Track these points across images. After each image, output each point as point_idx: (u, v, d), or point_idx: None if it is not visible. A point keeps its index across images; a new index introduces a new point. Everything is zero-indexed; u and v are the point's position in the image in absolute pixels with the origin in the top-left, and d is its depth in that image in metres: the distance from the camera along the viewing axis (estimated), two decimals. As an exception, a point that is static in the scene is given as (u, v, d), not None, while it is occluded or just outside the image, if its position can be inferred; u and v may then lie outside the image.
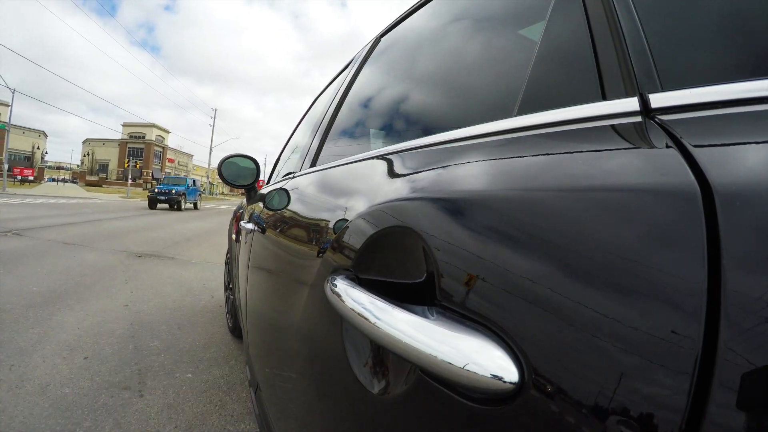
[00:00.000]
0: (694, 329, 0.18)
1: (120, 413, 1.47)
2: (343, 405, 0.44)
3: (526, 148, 0.35)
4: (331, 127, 1.09)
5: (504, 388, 0.23)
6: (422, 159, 0.50)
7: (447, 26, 0.75)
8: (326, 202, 0.71)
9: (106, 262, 4.09)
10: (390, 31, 1.01)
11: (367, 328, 0.33)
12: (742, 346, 0.17)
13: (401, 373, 0.34)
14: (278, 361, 0.73)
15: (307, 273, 0.59)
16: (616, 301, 0.21)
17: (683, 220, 0.20)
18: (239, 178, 1.62)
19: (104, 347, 2.04)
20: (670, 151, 0.23)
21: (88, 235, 5.98)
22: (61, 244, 4.87)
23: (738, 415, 0.16)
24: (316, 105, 1.59)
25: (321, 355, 0.51)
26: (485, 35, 0.62)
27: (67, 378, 1.69)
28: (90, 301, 2.77)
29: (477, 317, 0.27)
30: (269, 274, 0.90)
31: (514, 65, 0.50)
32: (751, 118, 0.24)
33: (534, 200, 0.28)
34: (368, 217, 0.46)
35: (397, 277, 0.38)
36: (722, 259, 0.18)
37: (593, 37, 0.35)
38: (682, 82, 0.28)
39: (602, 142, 0.29)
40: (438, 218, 0.35)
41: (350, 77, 1.13)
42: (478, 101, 0.58)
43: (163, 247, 5.43)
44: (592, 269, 0.22)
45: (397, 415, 0.33)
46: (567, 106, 0.35)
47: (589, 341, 0.21)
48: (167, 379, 1.76)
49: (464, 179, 0.38)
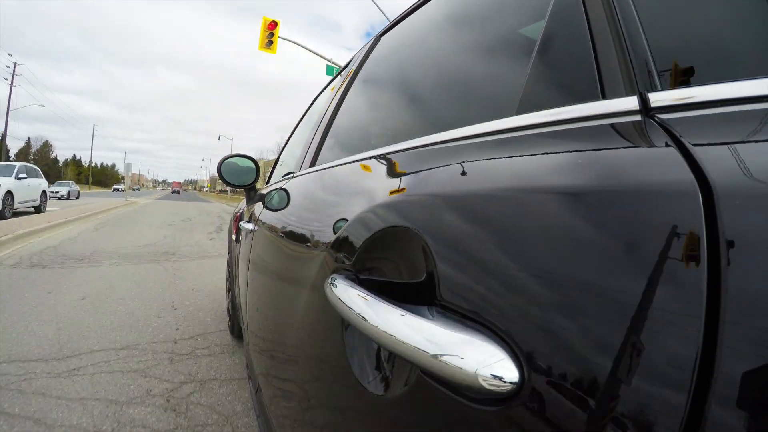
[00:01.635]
0: (694, 329, 0.18)
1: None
2: (343, 405, 0.44)
3: (525, 148, 0.35)
4: (330, 126, 1.09)
5: (504, 388, 0.23)
6: (422, 159, 0.50)
7: (447, 26, 0.74)
8: (326, 201, 0.71)
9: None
10: (390, 30, 1.01)
11: (367, 328, 0.33)
12: (742, 346, 0.17)
13: (401, 373, 0.34)
14: (278, 361, 0.73)
15: (307, 273, 0.59)
16: (616, 300, 0.21)
17: (683, 219, 0.20)
18: (239, 178, 1.62)
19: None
20: (670, 150, 0.23)
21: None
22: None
23: (738, 415, 0.16)
24: (316, 104, 1.59)
25: (321, 355, 0.51)
26: (485, 35, 0.62)
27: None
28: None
29: (477, 317, 0.27)
30: (269, 274, 0.90)
31: (514, 64, 0.50)
32: (750, 118, 0.24)
33: (533, 199, 0.28)
34: (368, 217, 0.46)
35: (397, 277, 0.38)
36: (722, 258, 0.18)
37: (593, 37, 0.35)
38: (682, 82, 0.28)
39: (602, 141, 0.29)
40: (438, 218, 0.35)
41: (350, 77, 1.13)
42: (477, 100, 0.58)
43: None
44: (591, 269, 0.22)
45: (398, 415, 0.33)
46: (567, 105, 0.35)
47: (588, 341, 0.21)
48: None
49: (464, 179, 0.38)
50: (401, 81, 0.88)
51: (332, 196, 0.71)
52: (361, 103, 1.03)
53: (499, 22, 0.59)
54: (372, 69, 1.03)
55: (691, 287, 0.18)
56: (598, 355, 0.20)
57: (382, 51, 1.01)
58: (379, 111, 0.93)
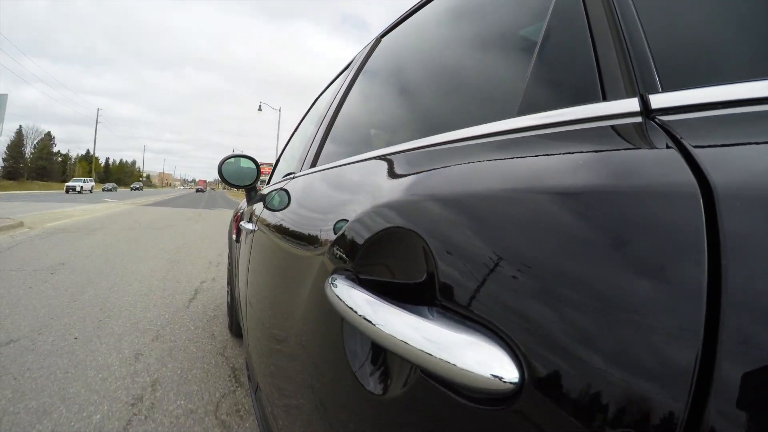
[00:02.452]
0: (695, 329, 0.18)
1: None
2: (343, 405, 0.44)
3: (526, 149, 0.35)
4: (331, 127, 1.09)
5: (504, 388, 0.23)
6: (422, 159, 0.50)
7: (447, 26, 0.75)
8: (327, 202, 0.71)
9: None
10: (391, 31, 1.01)
11: (367, 329, 0.33)
12: (743, 346, 0.17)
13: (401, 374, 0.34)
14: (278, 360, 0.73)
15: (308, 273, 0.59)
16: (617, 301, 0.21)
17: (684, 221, 0.20)
18: (239, 178, 1.63)
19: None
20: (671, 152, 0.23)
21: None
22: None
23: (738, 415, 0.16)
24: (317, 105, 1.59)
25: (321, 355, 0.51)
26: (485, 35, 0.62)
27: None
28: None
29: (477, 317, 0.27)
30: (269, 274, 0.90)
31: (515, 65, 0.50)
32: (751, 119, 0.24)
33: (534, 201, 0.28)
34: (369, 218, 0.46)
35: (398, 277, 0.38)
36: (723, 260, 0.18)
37: (593, 38, 0.35)
38: (683, 83, 0.28)
39: (603, 142, 0.29)
40: (438, 218, 0.35)
41: (351, 77, 1.13)
42: (478, 101, 0.58)
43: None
44: (592, 270, 0.22)
45: (398, 416, 0.33)
46: (567, 107, 0.35)
47: (589, 341, 0.21)
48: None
49: (464, 180, 0.38)
50: (402, 82, 0.88)
51: (333, 196, 0.71)
52: (362, 104, 1.03)
53: (500, 23, 0.59)
54: (373, 70, 1.03)
55: (692, 288, 0.18)
56: (598, 356, 0.20)
57: (383, 52, 1.01)
58: (380, 112, 0.93)
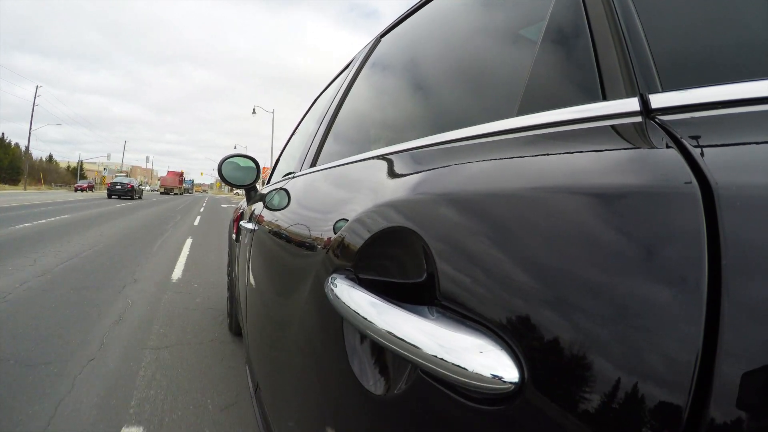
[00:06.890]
0: (695, 329, 0.18)
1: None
2: (343, 405, 0.44)
3: (526, 149, 0.35)
4: (331, 127, 1.09)
5: (504, 387, 0.23)
6: (422, 159, 0.50)
7: (447, 26, 0.75)
8: (326, 201, 0.71)
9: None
10: (390, 31, 1.01)
11: (367, 328, 0.33)
12: (743, 347, 0.17)
13: (401, 373, 0.34)
14: (278, 360, 0.73)
15: (308, 273, 0.59)
16: (617, 301, 0.21)
17: (684, 221, 0.20)
18: (239, 178, 1.62)
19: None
20: (671, 152, 0.23)
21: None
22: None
23: (738, 415, 0.16)
24: (317, 105, 1.59)
25: (321, 354, 0.51)
26: (485, 35, 0.62)
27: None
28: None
29: (477, 317, 0.27)
30: (269, 273, 0.90)
31: (515, 65, 0.50)
32: (751, 119, 0.24)
33: (534, 200, 0.28)
34: (369, 217, 0.46)
35: (398, 277, 0.38)
36: (722, 259, 0.18)
37: (593, 38, 0.35)
38: (683, 83, 0.28)
39: (603, 142, 0.29)
40: (438, 218, 0.35)
41: (350, 77, 1.13)
42: (478, 101, 0.58)
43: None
44: (592, 269, 0.22)
45: (398, 415, 0.33)
46: (567, 107, 0.35)
47: (589, 341, 0.21)
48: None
49: (464, 179, 0.38)
50: (402, 82, 0.88)
51: (333, 196, 0.71)
52: (362, 104, 1.03)
53: (500, 23, 0.59)
54: (373, 69, 1.03)
55: (692, 288, 0.18)
56: (598, 356, 0.20)
57: (383, 51, 1.01)
58: (380, 111, 0.93)
